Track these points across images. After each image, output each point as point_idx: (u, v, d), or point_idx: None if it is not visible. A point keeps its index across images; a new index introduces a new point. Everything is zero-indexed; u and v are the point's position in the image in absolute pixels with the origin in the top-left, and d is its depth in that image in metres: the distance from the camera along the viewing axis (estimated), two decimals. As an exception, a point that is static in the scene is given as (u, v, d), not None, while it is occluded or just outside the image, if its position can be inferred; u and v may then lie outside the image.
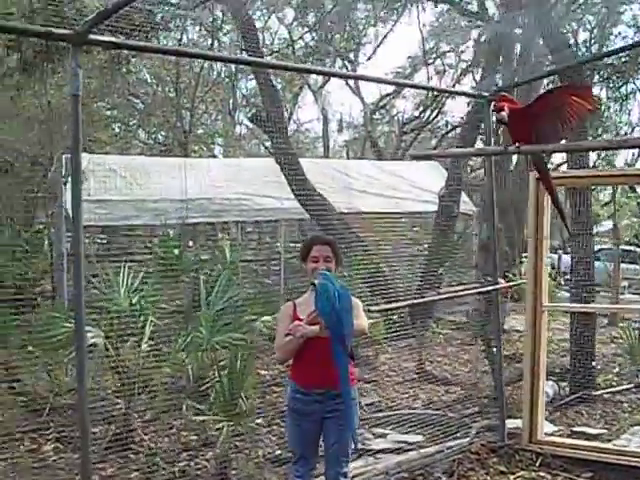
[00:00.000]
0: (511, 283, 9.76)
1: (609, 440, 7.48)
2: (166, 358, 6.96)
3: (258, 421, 7.39)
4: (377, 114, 36.89)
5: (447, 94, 27.96)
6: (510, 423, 7.44)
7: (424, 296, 8.22)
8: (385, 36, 32.30)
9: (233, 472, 6.41)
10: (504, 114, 4.71)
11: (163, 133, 25.31)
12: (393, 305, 7.26)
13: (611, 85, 14.46)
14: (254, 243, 16.12)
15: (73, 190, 4.63)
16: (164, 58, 24.24)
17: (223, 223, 14.29)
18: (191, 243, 12.83)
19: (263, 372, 9.48)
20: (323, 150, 37.02)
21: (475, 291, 7.72)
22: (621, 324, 14.49)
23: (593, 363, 9.45)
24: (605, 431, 7.93)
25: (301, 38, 28.01)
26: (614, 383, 10.01)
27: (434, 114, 36.13)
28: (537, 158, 5.16)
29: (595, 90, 14.21)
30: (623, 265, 19.96)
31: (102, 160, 13.60)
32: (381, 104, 36.48)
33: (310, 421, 4.83)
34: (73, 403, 7.45)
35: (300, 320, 4.71)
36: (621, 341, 12.24)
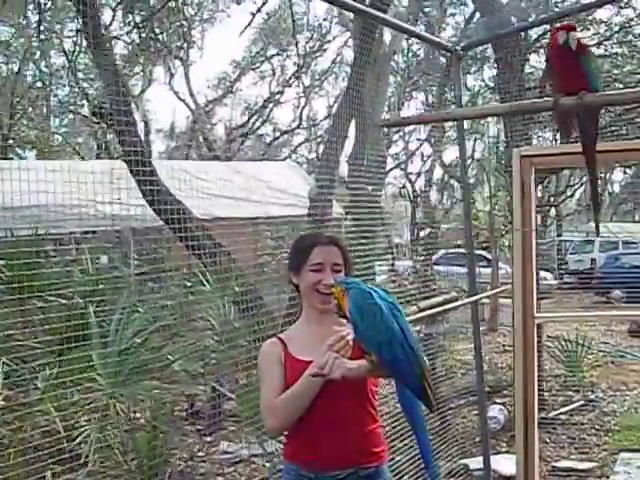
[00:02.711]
0: (497, 290, 8.26)
1: (605, 476, 6.23)
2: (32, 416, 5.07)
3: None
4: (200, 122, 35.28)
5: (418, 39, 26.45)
6: (473, 462, 6.03)
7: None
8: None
9: None
10: (574, 35, 3.28)
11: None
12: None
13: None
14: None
15: None
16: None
17: (68, 234, 12.21)
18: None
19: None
20: (145, 160, 35.00)
21: (461, 302, 6.19)
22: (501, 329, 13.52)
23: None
24: (593, 464, 6.68)
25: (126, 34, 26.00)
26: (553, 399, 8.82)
27: (260, 121, 35.12)
28: (591, 116, 3.68)
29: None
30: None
31: None
32: (206, 110, 35.05)
33: None
34: None
35: (300, 363, 3.12)
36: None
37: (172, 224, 9.92)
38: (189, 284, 8.88)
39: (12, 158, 21.53)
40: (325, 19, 30.81)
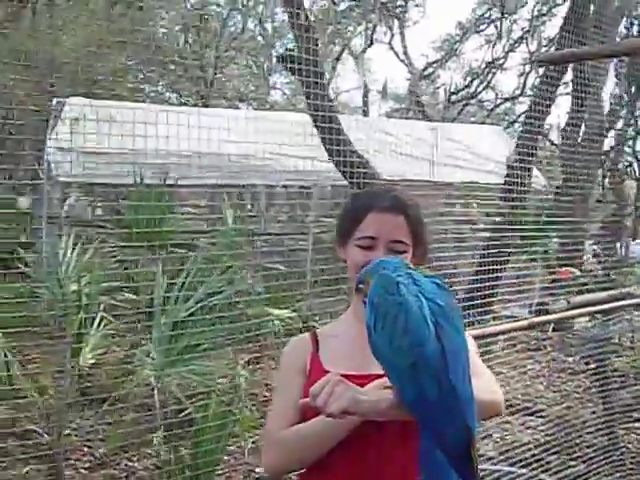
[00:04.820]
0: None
1: None
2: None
3: None
4: (421, 84, 34.42)
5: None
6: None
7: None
8: None
9: None
10: None
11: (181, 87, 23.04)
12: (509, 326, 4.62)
13: None
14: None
15: None
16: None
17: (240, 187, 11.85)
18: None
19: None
20: (363, 121, 34.50)
21: (624, 303, 5.12)
22: None
23: None
24: None
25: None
26: None
27: (482, 86, 33.86)
28: None
29: None
30: None
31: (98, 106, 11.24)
32: (426, 73, 34.11)
33: None
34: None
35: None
36: None
37: (354, 183, 9.36)
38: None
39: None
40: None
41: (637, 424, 6.79)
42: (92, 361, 4.62)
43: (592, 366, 6.78)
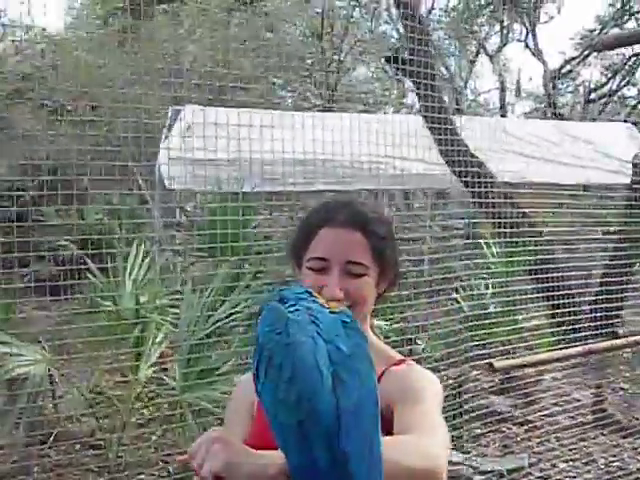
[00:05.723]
0: None
1: None
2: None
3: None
4: (560, 83, 33.41)
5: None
6: None
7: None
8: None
9: None
10: None
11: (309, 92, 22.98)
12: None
13: None
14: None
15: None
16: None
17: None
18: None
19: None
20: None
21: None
22: None
23: None
24: None
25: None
26: None
27: (624, 82, 32.60)
28: None
29: None
30: None
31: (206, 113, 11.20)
32: (564, 70, 33.06)
33: None
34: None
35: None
36: None
37: (468, 183, 9.07)
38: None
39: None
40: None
41: None
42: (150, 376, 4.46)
43: None
